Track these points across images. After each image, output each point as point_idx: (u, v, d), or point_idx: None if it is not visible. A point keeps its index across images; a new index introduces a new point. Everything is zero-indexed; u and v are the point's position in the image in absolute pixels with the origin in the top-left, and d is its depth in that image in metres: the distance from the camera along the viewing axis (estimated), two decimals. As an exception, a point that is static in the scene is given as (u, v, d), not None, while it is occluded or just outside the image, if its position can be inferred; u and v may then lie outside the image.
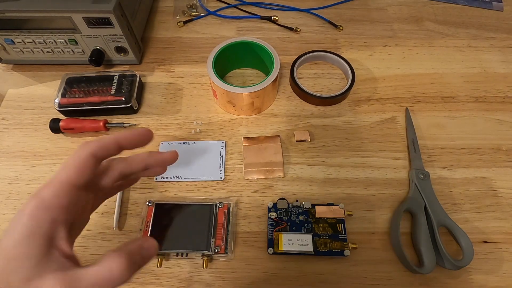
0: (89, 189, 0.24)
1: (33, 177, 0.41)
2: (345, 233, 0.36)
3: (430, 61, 0.52)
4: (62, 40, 0.46)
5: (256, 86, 0.42)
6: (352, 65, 0.49)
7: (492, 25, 0.57)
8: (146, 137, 0.26)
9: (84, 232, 0.25)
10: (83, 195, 0.23)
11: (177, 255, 0.35)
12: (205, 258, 0.35)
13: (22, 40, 0.46)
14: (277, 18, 0.57)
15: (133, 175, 0.28)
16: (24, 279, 0.19)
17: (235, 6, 0.59)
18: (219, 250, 0.34)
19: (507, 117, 0.47)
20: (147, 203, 0.37)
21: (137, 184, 0.38)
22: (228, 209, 0.37)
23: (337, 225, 0.37)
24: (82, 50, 0.48)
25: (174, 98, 0.48)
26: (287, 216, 0.37)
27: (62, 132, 0.44)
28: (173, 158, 0.28)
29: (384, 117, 0.46)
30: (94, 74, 0.47)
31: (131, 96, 0.45)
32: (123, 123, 0.45)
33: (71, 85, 0.46)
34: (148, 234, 0.35)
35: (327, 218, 0.37)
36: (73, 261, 0.21)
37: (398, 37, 0.55)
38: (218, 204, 0.37)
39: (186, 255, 0.35)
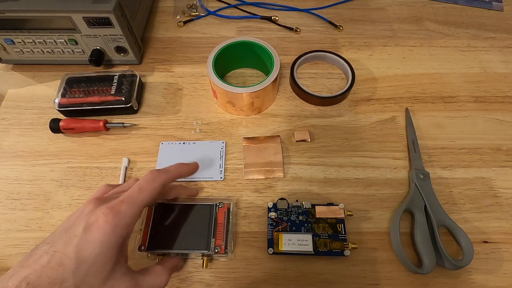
0: None
1: (33, 177, 0.41)
2: (345, 233, 0.36)
3: (430, 61, 0.52)
4: (62, 40, 0.46)
5: (256, 86, 0.42)
6: (352, 65, 0.49)
7: (492, 25, 0.57)
8: (196, 170, 0.36)
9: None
10: None
11: (177, 255, 0.35)
12: (205, 258, 0.35)
13: (22, 40, 0.46)
14: (277, 18, 0.57)
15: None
16: (103, 281, 0.24)
17: (235, 6, 0.59)
18: (219, 250, 0.34)
19: (507, 117, 0.47)
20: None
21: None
22: (228, 209, 0.37)
23: (337, 225, 0.37)
24: (82, 50, 0.48)
25: (174, 98, 0.48)
26: (287, 216, 0.37)
27: (62, 132, 0.44)
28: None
29: (384, 117, 0.46)
30: (94, 74, 0.47)
31: (131, 96, 0.45)
32: (123, 123, 0.45)
33: (71, 85, 0.46)
34: (148, 234, 0.35)
35: (327, 218, 0.37)
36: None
37: (398, 37, 0.55)
38: (218, 204, 0.37)
39: (186, 255, 0.35)
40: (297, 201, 0.38)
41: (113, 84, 0.46)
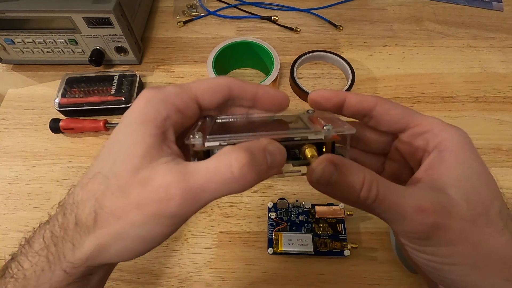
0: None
1: (33, 177, 0.41)
2: (345, 233, 0.36)
3: (430, 61, 0.52)
4: (62, 40, 0.46)
5: (256, 86, 0.42)
6: (352, 65, 0.49)
7: (492, 25, 0.57)
8: (284, 103, 0.22)
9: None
10: (198, 116, 0.20)
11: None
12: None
13: (22, 40, 0.46)
14: (277, 18, 0.57)
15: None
16: (132, 169, 0.16)
17: (235, 6, 0.59)
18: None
19: (507, 117, 0.46)
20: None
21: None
22: None
23: (337, 225, 0.37)
24: (82, 50, 0.48)
25: (174, 98, 0.48)
26: (287, 216, 0.37)
27: (62, 132, 0.44)
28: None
29: (384, 117, 0.46)
30: (94, 74, 0.47)
31: (131, 96, 0.45)
32: (123, 123, 0.45)
33: (71, 85, 0.46)
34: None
35: (327, 218, 0.37)
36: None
37: (398, 37, 0.55)
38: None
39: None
40: (297, 201, 0.38)
41: (113, 84, 0.46)
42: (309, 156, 0.19)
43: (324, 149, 0.20)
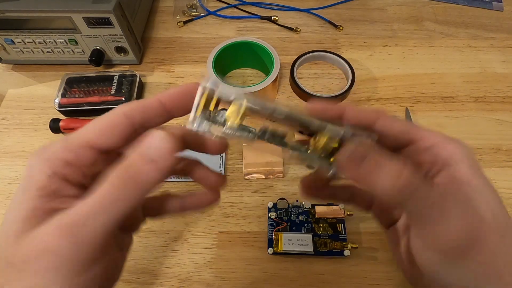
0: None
1: (33, 177, 0.41)
2: (345, 233, 0.36)
3: (430, 61, 0.52)
4: (62, 40, 0.46)
5: (256, 86, 0.42)
6: (352, 65, 0.49)
7: (492, 25, 0.57)
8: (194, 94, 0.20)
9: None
10: (109, 161, 0.19)
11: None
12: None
13: (22, 40, 0.46)
14: (277, 18, 0.57)
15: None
16: (14, 236, 0.15)
17: (235, 6, 0.59)
18: None
19: (507, 117, 0.46)
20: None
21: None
22: None
23: (337, 225, 0.37)
24: (82, 50, 0.48)
25: (174, 98, 0.48)
26: (287, 216, 0.37)
27: (62, 132, 0.44)
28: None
29: (384, 117, 0.46)
30: (94, 74, 0.47)
31: (131, 96, 0.45)
32: (123, 123, 0.45)
33: (71, 85, 0.46)
34: None
35: (327, 218, 0.37)
36: None
37: (398, 37, 0.55)
38: None
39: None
40: (297, 201, 0.38)
41: (113, 84, 0.46)
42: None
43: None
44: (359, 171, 0.17)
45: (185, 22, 0.57)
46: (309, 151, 0.20)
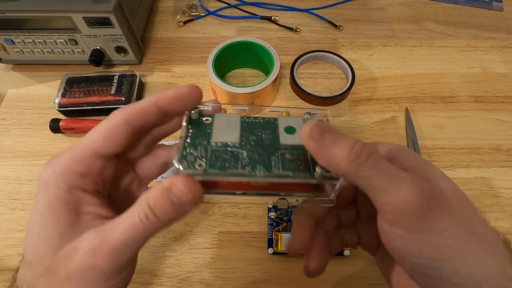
0: (126, 160, 0.22)
1: (33, 177, 0.41)
2: (345, 233, 0.36)
3: (430, 61, 0.52)
4: (62, 40, 0.46)
5: (256, 86, 0.42)
6: (352, 65, 0.49)
7: (492, 25, 0.57)
8: (191, 96, 0.20)
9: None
10: (114, 165, 0.20)
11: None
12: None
13: (22, 40, 0.46)
14: (277, 18, 0.57)
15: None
16: (53, 248, 0.17)
17: (235, 6, 0.59)
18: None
19: (507, 117, 0.46)
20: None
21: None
22: None
23: (337, 225, 0.37)
24: (82, 50, 0.48)
25: (174, 98, 0.48)
26: (287, 216, 0.37)
27: (62, 132, 0.44)
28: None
29: (384, 117, 0.46)
30: (94, 74, 0.47)
31: (131, 96, 0.45)
32: (123, 123, 0.45)
33: (71, 85, 0.46)
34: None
35: (327, 218, 0.37)
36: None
37: (398, 37, 0.55)
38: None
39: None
40: (297, 201, 0.38)
41: (113, 84, 0.46)
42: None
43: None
44: (323, 141, 0.17)
45: (185, 22, 0.57)
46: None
